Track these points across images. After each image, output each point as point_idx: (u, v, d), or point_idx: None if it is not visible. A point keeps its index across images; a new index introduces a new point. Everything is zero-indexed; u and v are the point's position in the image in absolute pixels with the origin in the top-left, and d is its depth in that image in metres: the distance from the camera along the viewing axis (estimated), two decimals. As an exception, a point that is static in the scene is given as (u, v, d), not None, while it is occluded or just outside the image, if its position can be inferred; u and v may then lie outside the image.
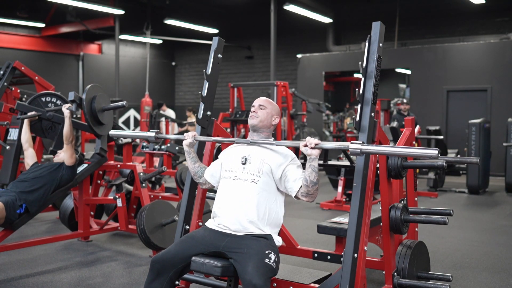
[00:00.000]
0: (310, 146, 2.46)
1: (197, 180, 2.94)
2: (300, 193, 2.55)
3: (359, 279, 2.45)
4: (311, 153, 2.47)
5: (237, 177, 2.66)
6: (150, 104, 13.35)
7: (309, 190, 2.50)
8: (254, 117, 2.75)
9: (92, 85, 4.41)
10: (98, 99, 4.34)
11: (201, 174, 2.90)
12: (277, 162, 2.63)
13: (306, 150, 2.48)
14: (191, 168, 2.93)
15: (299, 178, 2.56)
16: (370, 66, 2.62)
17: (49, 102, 4.68)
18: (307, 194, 2.52)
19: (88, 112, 4.28)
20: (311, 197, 2.53)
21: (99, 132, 4.45)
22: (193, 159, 2.94)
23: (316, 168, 2.48)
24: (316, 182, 2.48)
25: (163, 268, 2.48)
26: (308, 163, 2.48)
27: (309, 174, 2.48)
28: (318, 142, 2.47)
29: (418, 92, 11.60)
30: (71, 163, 4.24)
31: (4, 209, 3.77)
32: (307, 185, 2.49)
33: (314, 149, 2.47)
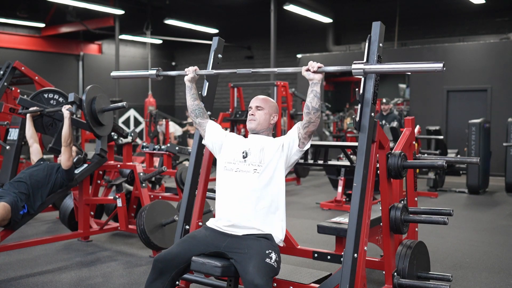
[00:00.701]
0: (312, 70, 2.49)
1: (192, 118, 2.93)
2: (302, 127, 2.57)
3: (359, 279, 2.45)
4: (313, 78, 2.49)
5: (239, 169, 2.66)
6: (154, 104, 13.37)
7: (311, 118, 2.52)
8: (252, 120, 2.75)
9: (92, 86, 4.41)
10: (98, 100, 4.34)
11: (198, 114, 2.90)
12: (276, 145, 2.66)
13: (308, 75, 2.50)
14: (190, 104, 2.93)
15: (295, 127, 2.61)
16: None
17: (51, 99, 4.68)
18: (309, 122, 2.54)
19: (88, 113, 4.27)
20: (313, 125, 2.55)
21: (99, 133, 4.44)
22: (193, 96, 2.94)
23: (318, 93, 2.50)
24: (318, 108, 2.50)
25: (165, 268, 2.48)
26: (310, 88, 2.51)
27: (311, 100, 2.50)
28: (321, 65, 2.48)
29: (418, 92, 11.60)
30: (67, 166, 4.21)
31: (10, 211, 3.78)
32: (309, 113, 2.51)
33: (316, 73, 2.48)
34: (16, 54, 13.83)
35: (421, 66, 2.30)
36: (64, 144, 4.20)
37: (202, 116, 2.91)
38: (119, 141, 4.88)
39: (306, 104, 2.53)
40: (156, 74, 3.06)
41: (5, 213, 3.73)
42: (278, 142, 2.68)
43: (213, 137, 2.83)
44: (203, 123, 2.90)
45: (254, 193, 2.59)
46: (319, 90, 2.49)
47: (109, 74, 3.71)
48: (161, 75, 3.08)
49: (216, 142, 2.82)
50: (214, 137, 2.83)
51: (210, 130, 2.86)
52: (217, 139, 2.82)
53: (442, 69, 2.18)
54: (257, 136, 2.76)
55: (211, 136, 2.84)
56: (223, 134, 2.84)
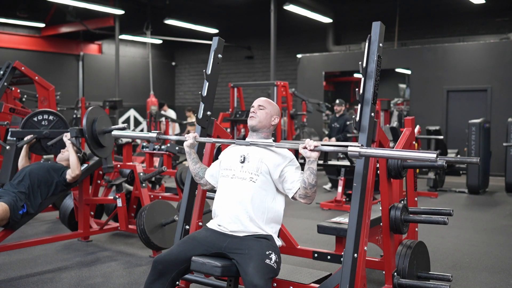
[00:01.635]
0: (309, 148, 2.46)
1: (198, 181, 2.94)
2: (298, 195, 2.54)
3: (359, 279, 2.45)
4: (310, 156, 2.46)
5: (235, 175, 2.66)
6: (156, 103, 13.36)
7: (307, 193, 2.50)
8: (253, 117, 2.75)
9: (93, 107, 4.36)
10: (99, 121, 4.29)
11: (202, 175, 2.91)
12: (275, 162, 2.63)
13: (305, 153, 2.47)
14: (192, 169, 2.93)
15: (297, 180, 2.55)
16: (370, 66, 2.62)
17: (42, 120, 4.66)
18: (305, 196, 2.52)
19: (89, 136, 4.22)
20: (309, 199, 2.53)
21: (99, 155, 4.40)
22: (194, 160, 2.94)
23: (315, 170, 2.47)
24: (314, 184, 2.48)
25: (165, 269, 2.48)
26: (307, 166, 2.48)
27: (307, 176, 2.47)
28: (317, 144, 2.46)
29: (418, 92, 11.60)
30: (71, 182, 4.24)
31: (8, 211, 3.78)
32: (305, 187, 2.49)
33: (313, 151, 2.46)
34: (16, 54, 13.83)
35: (416, 155, 2.29)
36: (76, 172, 4.19)
37: (203, 174, 2.92)
38: (119, 141, 4.88)
39: (303, 179, 2.49)
40: (156, 138, 3.04)
41: (3, 213, 3.73)
42: (278, 161, 2.64)
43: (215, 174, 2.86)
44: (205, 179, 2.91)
45: (250, 200, 2.59)
46: (315, 167, 2.47)
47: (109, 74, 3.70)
48: (161, 138, 3.07)
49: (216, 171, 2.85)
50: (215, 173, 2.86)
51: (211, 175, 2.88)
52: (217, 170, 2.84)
53: (436, 160, 2.18)
54: (257, 138, 2.76)
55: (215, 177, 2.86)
56: (218, 162, 2.86)
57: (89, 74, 16.47)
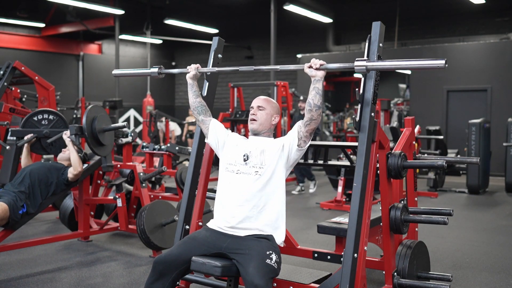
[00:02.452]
0: (315, 67, 2.48)
1: (195, 115, 2.94)
2: (304, 124, 2.57)
3: (359, 279, 2.45)
4: (316, 74, 2.49)
5: (240, 171, 2.66)
6: (152, 104, 13.36)
7: (313, 115, 2.52)
8: (254, 121, 2.74)
9: (92, 106, 4.37)
10: (99, 119, 4.30)
11: (200, 111, 2.91)
12: (276, 147, 2.66)
13: (310, 71, 2.50)
14: (192, 101, 2.93)
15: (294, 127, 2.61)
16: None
17: (42, 120, 4.66)
18: (311, 120, 2.54)
19: (89, 134, 4.23)
20: (314, 122, 2.55)
21: (99, 153, 4.41)
22: (195, 93, 2.94)
23: (320, 90, 2.50)
24: (319, 106, 2.50)
25: (165, 270, 2.48)
26: (312, 85, 2.50)
27: (313, 97, 2.50)
28: (323, 62, 2.48)
29: (418, 92, 11.60)
30: (73, 180, 4.24)
31: (8, 211, 3.78)
32: (311, 109, 2.51)
33: (318, 70, 2.48)
34: (16, 54, 13.83)
35: (423, 63, 2.31)
36: (78, 169, 4.19)
37: (205, 114, 2.92)
38: (119, 141, 4.87)
39: (308, 101, 2.52)
40: (158, 72, 3.06)
41: (3, 213, 3.73)
42: (278, 143, 2.68)
43: (217, 135, 2.84)
44: (206, 120, 2.91)
45: (255, 195, 2.59)
46: (321, 87, 2.49)
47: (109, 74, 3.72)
48: (163, 73, 3.08)
49: (220, 140, 2.83)
50: (219, 135, 2.84)
51: (214, 128, 2.87)
52: (221, 137, 2.83)
53: (445, 66, 2.19)
54: (257, 138, 2.76)
55: (216, 134, 2.85)
56: (226, 133, 2.85)
57: (89, 74, 16.47)
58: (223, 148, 2.81)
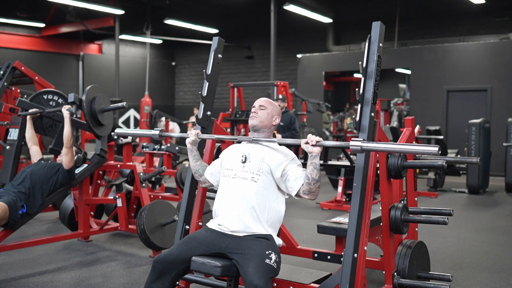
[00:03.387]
0: (311, 143, 2.47)
1: (198, 178, 2.94)
2: (301, 191, 2.55)
3: (359, 279, 2.45)
4: (313, 151, 2.48)
5: (236, 175, 2.66)
6: (150, 104, 13.35)
7: (311, 188, 2.51)
8: (254, 117, 2.76)
9: (92, 86, 4.40)
10: (98, 100, 4.33)
11: (201, 173, 2.91)
12: (277, 161, 2.63)
13: (307, 148, 2.48)
14: (193, 166, 2.94)
15: (300, 177, 2.56)
16: (370, 66, 2.62)
17: (50, 100, 4.68)
18: (309, 192, 2.52)
19: (88, 113, 4.26)
20: (313, 194, 2.53)
21: (99, 133, 4.43)
22: (195, 157, 2.94)
23: (318, 165, 2.48)
24: (318, 179, 2.49)
25: (165, 269, 2.48)
26: (310, 161, 2.49)
27: (310, 172, 2.48)
28: (319, 139, 2.47)
29: (418, 92, 11.60)
30: (69, 167, 4.22)
31: (7, 210, 3.78)
32: (309, 183, 2.49)
33: (315, 146, 2.47)
34: (16, 54, 13.83)
35: (418, 148, 2.33)
36: (66, 145, 4.19)
37: (203, 171, 2.92)
38: (119, 141, 4.88)
39: (306, 175, 2.50)
40: (159, 135, 3.07)
41: (3, 213, 3.73)
42: (280, 160, 2.64)
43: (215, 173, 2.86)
44: (205, 177, 2.91)
45: (251, 200, 2.59)
46: (318, 162, 2.48)
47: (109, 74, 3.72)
48: (164, 136, 3.10)
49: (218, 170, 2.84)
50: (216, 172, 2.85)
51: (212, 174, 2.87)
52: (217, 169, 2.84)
53: (438, 152, 2.20)
54: (258, 145, 2.75)
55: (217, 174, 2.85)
56: (219, 161, 2.86)
57: (89, 74, 16.46)
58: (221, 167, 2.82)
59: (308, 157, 2.50)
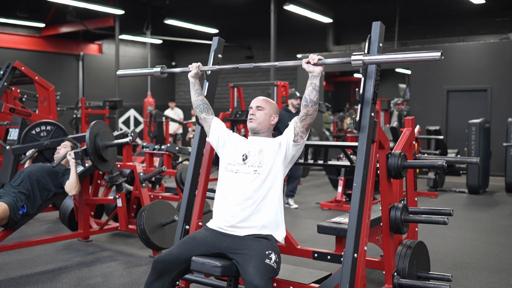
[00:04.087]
0: (312, 62, 2.49)
1: (197, 113, 2.96)
2: (300, 119, 2.57)
3: (359, 279, 2.45)
4: (314, 70, 2.49)
5: (239, 170, 2.67)
6: (153, 104, 13.35)
7: (309, 110, 2.53)
8: (252, 120, 2.76)
9: (96, 121, 4.35)
10: (102, 135, 4.28)
11: (202, 109, 2.93)
12: (273, 145, 2.67)
13: (308, 67, 2.51)
14: (194, 100, 2.95)
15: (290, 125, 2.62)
16: (370, 66, 2.62)
17: (40, 132, 4.70)
18: (307, 115, 2.54)
19: (92, 150, 4.21)
20: (310, 117, 2.55)
21: (102, 169, 4.40)
22: (197, 91, 2.96)
23: (317, 86, 2.50)
24: (316, 101, 2.51)
25: (165, 269, 2.48)
26: (310, 81, 2.51)
27: (309, 92, 2.50)
28: (321, 58, 2.48)
29: (418, 92, 11.60)
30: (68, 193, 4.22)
31: (8, 210, 3.78)
32: (307, 105, 2.51)
33: (316, 65, 2.48)
34: (16, 54, 13.83)
35: (419, 56, 2.32)
36: (72, 192, 4.15)
37: (207, 112, 2.94)
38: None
39: (304, 96, 2.53)
40: (160, 72, 3.09)
41: (3, 213, 3.73)
42: (275, 141, 2.69)
43: (218, 134, 2.86)
44: (208, 119, 2.92)
45: (254, 193, 2.59)
46: (318, 83, 2.50)
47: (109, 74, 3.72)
48: (166, 72, 3.11)
49: (221, 139, 2.85)
50: (219, 134, 2.86)
51: (215, 127, 2.88)
52: (222, 136, 2.85)
53: (441, 58, 2.19)
54: (256, 138, 2.76)
55: (216, 133, 2.86)
56: (227, 133, 2.86)
57: (89, 74, 16.47)
58: (223, 147, 2.82)
59: (309, 77, 2.51)
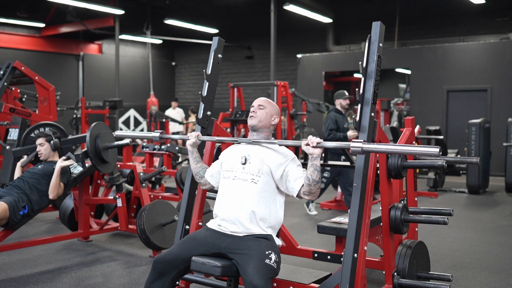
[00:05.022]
0: (312, 145, 2.47)
1: (198, 180, 2.94)
2: (302, 192, 2.54)
3: (359, 279, 2.45)
4: (313, 152, 2.47)
5: (236, 177, 2.66)
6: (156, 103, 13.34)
7: (311, 189, 2.50)
8: (253, 117, 2.76)
9: (96, 123, 4.36)
10: (102, 137, 4.28)
11: (202, 175, 2.91)
12: (277, 162, 2.63)
13: (308, 149, 2.48)
14: (193, 168, 2.94)
15: (300, 177, 2.56)
16: (370, 66, 2.62)
17: None
18: (309, 192, 2.52)
19: (92, 151, 4.21)
20: (313, 195, 2.53)
21: (102, 170, 4.40)
22: (196, 159, 2.94)
23: (318, 167, 2.47)
24: (318, 180, 2.48)
25: (165, 269, 2.48)
26: (310, 162, 2.48)
27: (311, 173, 2.47)
28: (320, 141, 2.47)
29: (418, 92, 11.60)
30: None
31: (8, 210, 3.78)
32: (309, 184, 2.49)
33: (316, 148, 2.47)
34: (16, 54, 13.83)
35: (419, 149, 2.35)
36: (51, 196, 4.09)
37: (204, 172, 2.93)
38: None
39: (307, 176, 2.49)
40: (159, 137, 3.07)
41: (3, 213, 3.73)
42: (280, 160, 2.64)
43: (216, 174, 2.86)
44: (206, 179, 2.91)
45: (251, 202, 2.59)
46: (319, 163, 2.47)
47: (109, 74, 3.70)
48: (164, 138, 3.09)
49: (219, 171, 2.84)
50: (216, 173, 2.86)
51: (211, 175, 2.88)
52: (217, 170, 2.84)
53: (438, 154, 2.20)
54: (257, 136, 2.76)
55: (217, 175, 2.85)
56: (219, 162, 2.85)
57: (89, 74, 16.46)
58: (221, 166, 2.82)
59: (309, 159, 2.50)
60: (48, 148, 4.33)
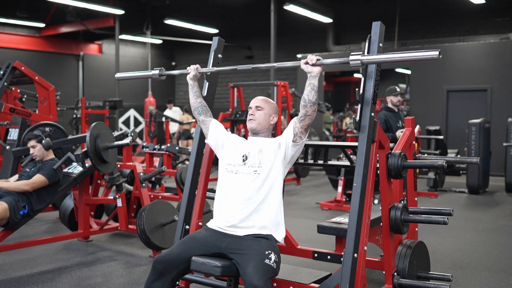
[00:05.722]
0: (311, 62, 2.48)
1: (196, 115, 2.96)
2: (299, 119, 2.57)
3: (359, 279, 2.45)
4: (312, 70, 2.50)
5: (239, 171, 2.66)
6: (154, 103, 13.35)
7: (307, 111, 2.52)
8: (252, 120, 2.75)
9: (96, 123, 4.36)
10: (102, 137, 4.28)
11: (201, 111, 2.92)
12: (273, 145, 2.66)
13: (307, 67, 2.51)
14: (193, 102, 2.95)
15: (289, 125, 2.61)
16: (370, 66, 2.62)
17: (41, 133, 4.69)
18: (305, 115, 2.54)
19: (92, 151, 4.21)
20: (309, 118, 2.55)
21: (102, 170, 4.40)
22: (196, 93, 2.96)
23: (316, 87, 2.50)
24: (314, 102, 2.50)
25: (165, 269, 2.48)
26: (308, 81, 2.51)
27: (308, 93, 2.51)
28: (319, 58, 2.48)
29: (418, 92, 11.60)
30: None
31: (8, 210, 3.78)
32: (305, 105, 2.51)
33: (315, 66, 2.48)
34: (16, 54, 13.84)
35: (417, 55, 2.32)
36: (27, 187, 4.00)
37: (205, 114, 2.93)
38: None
39: (303, 97, 2.53)
40: (159, 74, 3.08)
41: (3, 213, 3.74)
42: (275, 141, 2.69)
43: (217, 135, 2.85)
44: (207, 121, 2.92)
45: (255, 193, 2.59)
46: (317, 83, 2.49)
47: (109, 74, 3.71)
48: (164, 74, 3.10)
49: (219, 140, 2.84)
50: (218, 135, 2.85)
51: (214, 129, 2.88)
52: (221, 138, 2.84)
53: (438, 57, 2.19)
54: (256, 138, 2.76)
55: (215, 134, 2.85)
56: (226, 134, 2.86)
57: (89, 74, 16.47)
58: (222, 148, 2.82)
59: (308, 77, 2.51)
60: (41, 149, 4.26)
